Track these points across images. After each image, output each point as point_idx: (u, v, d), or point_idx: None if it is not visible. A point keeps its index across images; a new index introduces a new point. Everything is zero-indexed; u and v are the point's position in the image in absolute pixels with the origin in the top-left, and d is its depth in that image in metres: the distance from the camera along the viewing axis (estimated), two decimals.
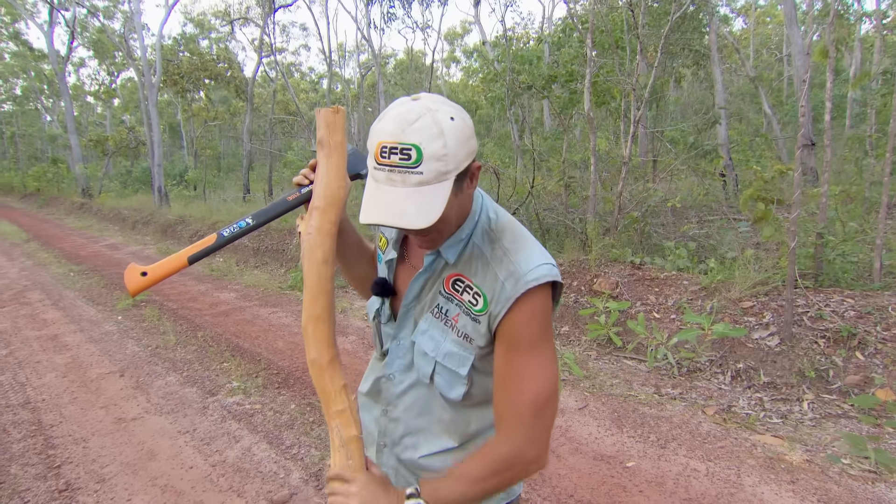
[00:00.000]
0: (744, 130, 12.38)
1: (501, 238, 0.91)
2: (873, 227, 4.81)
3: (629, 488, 2.36)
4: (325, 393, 0.90)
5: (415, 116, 0.78)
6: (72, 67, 29.73)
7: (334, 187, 0.94)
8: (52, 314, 5.49)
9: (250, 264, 7.89)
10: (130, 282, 0.94)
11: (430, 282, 0.97)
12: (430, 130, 0.77)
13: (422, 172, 0.78)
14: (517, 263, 0.87)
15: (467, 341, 0.92)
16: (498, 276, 0.88)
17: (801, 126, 3.83)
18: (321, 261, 0.92)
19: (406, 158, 0.77)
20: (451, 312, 0.93)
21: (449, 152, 0.78)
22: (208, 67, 15.97)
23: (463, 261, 0.93)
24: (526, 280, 0.85)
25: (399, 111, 0.80)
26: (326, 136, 0.95)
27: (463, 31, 31.64)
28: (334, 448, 0.90)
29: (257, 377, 3.71)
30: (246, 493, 2.41)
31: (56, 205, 18.98)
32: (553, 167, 7.77)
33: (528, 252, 0.89)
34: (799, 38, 8.26)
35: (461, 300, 0.92)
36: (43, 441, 2.90)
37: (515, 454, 0.87)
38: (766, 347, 3.46)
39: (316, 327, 0.91)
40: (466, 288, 0.91)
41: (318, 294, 0.91)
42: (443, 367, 0.95)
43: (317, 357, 0.90)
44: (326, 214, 0.93)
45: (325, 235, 0.92)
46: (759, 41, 22.71)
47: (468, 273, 0.92)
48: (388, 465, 1.07)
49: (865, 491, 2.29)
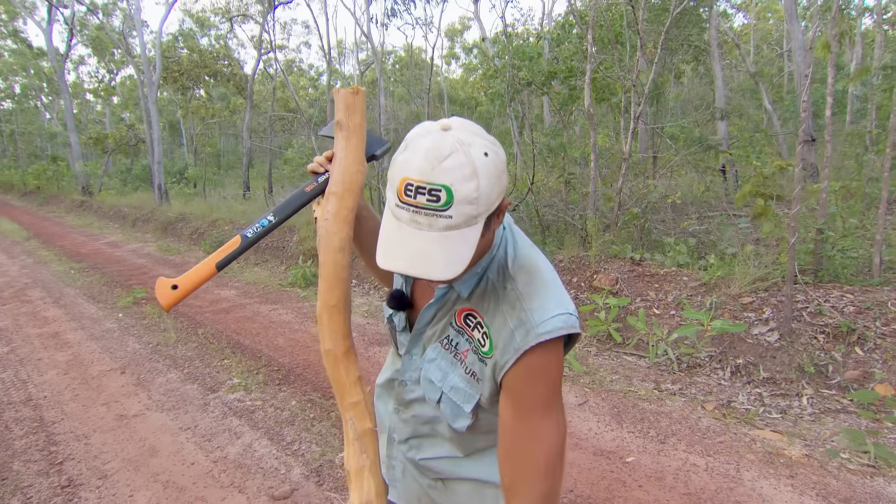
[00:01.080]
0: (744, 126, 12.36)
1: (516, 279, 0.83)
2: (873, 222, 4.81)
3: (629, 483, 2.37)
4: (339, 384, 0.88)
5: (447, 152, 0.70)
6: (71, 65, 29.67)
7: (352, 171, 0.91)
8: (52, 312, 5.50)
9: (251, 261, 7.90)
10: (162, 296, 0.90)
11: (442, 312, 0.91)
12: (462, 171, 0.70)
13: (451, 216, 0.70)
14: (529, 312, 0.79)
15: (475, 379, 0.86)
16: (507, 323, 0.80)
17: (801, 122, 3.82)
18: (338, 248, 0.88)
19: (435, 200, 0.70)
20: (462, 347, 0.87)
21: (482, 195, 0.71)
22: (208, 64, 15.95)
23: (476, 296, 0.86)
24: (537, 332, 0.77)
25: (429, 145, 0.71)
26: (345, 118, 0.91)
27: (462, 28, 31.55)
28: (348, 440, 0.88)
29: (258, 374, 3.72)
30: (247, 489, 2.42)
31: (56, 202, 18.98)
32: (554, 164, 7.77)
33: (543, 299, 0.80)
34: (799, 34, 8.24)
35: (472, 336, 0.86)
36: (45, 438, 2.91)
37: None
38: (765, 343, 3.46)
39: (331, 317, 0.88)
40: (478, 325, 0.85)
41: (335, 283, 0.88)
42: (449, 400, 0.90)
43: (332, 347, 0.88)
44: (344, 200, 0.90)
45: (343, 222, 0.89)
46: (760, 37, 22.65)
47: (481, 309, 0.85)
48: (397, 459, 1.05)
49: (864, 485, 2.29)
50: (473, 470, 0.98)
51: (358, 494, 0.86)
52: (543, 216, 6.30)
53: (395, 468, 1.05)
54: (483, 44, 15.15)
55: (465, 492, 1.00)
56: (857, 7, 14.52)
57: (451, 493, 1.01)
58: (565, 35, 9.10)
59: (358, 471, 0.86)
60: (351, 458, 0.87)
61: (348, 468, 0.87)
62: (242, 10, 16.94)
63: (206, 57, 16.27)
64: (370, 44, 13.06)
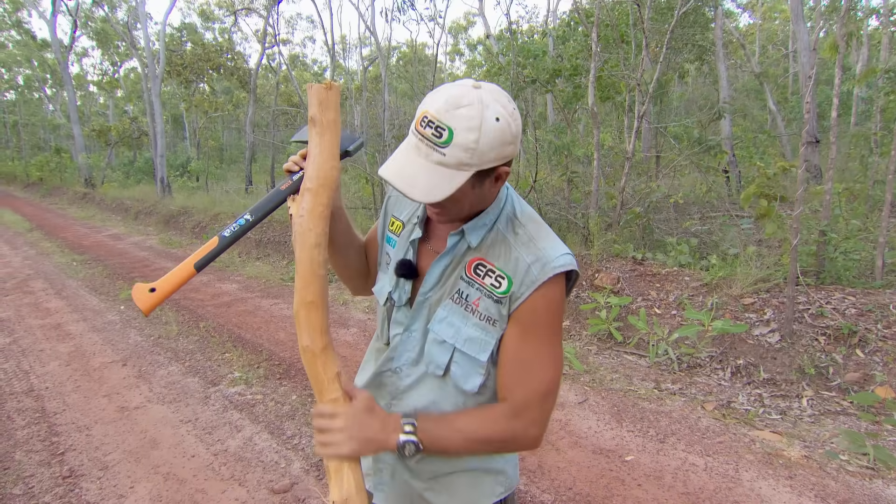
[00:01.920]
0: (748, 127, 12.32)
1: (526, 225, 0.93)
2: (876, 225, 4.80)
3: (628, 482, 2.37)
4: (318, 381, 0.87)
5: (464, 103, 0.79)
6: (75, 57, 29.65)
7: (327, 168, 0.91)
8: (55, 303, 5.51)
9: (252, 256, 7.91)
10: (141, 300, 0.90)
11: (452, 266, 0.95)
12: (469, 122, 0.78)
13: (444, 155, 0.79)
14: (544, 250, 0.89)
15: (490, 324, 0.91)
16: (523, 259, 0.89)
17: (805, 123, 3.81)
18: (313, 244, 0.88)
19: (437, 136, 0.79)
20: (472, 297, 0.92)
21: (478, 148, 0.79)
22: (211, 58, 15.92)
23: (486, 245, 0.93)
24: (553, 266, 0.87)
25: (454, 92, 0.80)
26: (319, 114, 0.91)
27: (467, 24, 31.46)
28: None
29: (259, 368, 3.74)
30: (247, 482, 2.43)
31: (59, 194, 19.01)
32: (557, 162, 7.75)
33: (551, 241, 0.91)
34: (805, 35, 8.20)
35: (483, 284, 0.91)
36: (47, 428, 2.93)
37: (519, 431, 0.90)
38: (766, 344, 3.46)
39: (308, 314, 0.87)
40: (489, 272, 0.91)
41: (311, 279, 0.88)
42: (461, 355, 0.93)
43: (309, 344, 0.87)
44: (319, 196, 0.90)
45: (318, 218, 0.89)
46: (765, 37, 22.56)
47: (491, 258, 0.92)
48: (385, 462, 1.04)
49: (863, 487, 2.30)
50: (472, 460, 0.99)
51: (338, 490, 0.85)
52: (546, 214, 6.29)
53: (382, 472, 1.04)
54: (487, 41, 15.11)
55: (463, 484, 1.00)
56: (863, 8, 14.45)
57: (448, 489, 1.00)
58: (570, 33, 9.07)
59: (337, 467, 0.86)
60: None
61: (327, 465, 0.86)
62: (247, 3, 16.90)
63: (209, 50, 16.24)
64: (374, 39, 13.04)
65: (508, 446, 0.92)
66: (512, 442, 0.90)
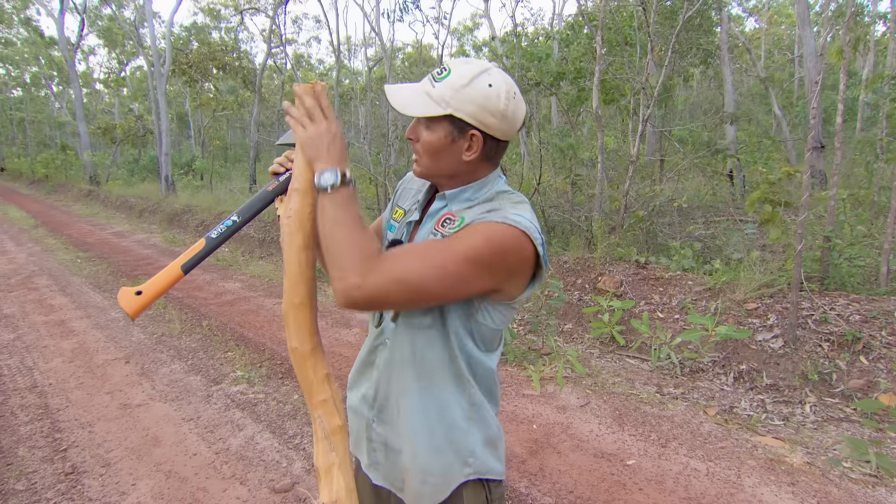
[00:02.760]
0: (753, 132, 12.29)
1: (510, 198, 0.98)
2: (881, 231, 4.78)
3: (629, 486, 2.37)
4: (307, 382, 0.88)
5: (473, 63, 0.92)
6: (81, 55, 29.79)
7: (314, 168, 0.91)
8: (59, 300, 5.54)
9: (255, 255, 7.93)
10: (127, 305, 0.89)
11: (431, 227, 1.00)
12: (466, 73, 0.90)
13: (434, 87, 0.91)
14: (507, 210, 0.91)
15: None
16: (484, 208, 0.94)
17: (811, 128, 3.80)
18: (301, 246, 0.89)
19: (439, 73, 0.92)
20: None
21: (458, 95, 0.89)
22: (217, 57, 15.97)
23: (462, 210, 0.99)
24: (506, 216, 0.88)
25: (476, 61, 0.94)
26: None
27: (473, 26, 31.49)
28: (317, 439, 0.87)
29: (261, 367, 3.74)
30: (248, 480, 2.43)
31: (64, 191, 19.09)
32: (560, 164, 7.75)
33: (525, 214, 0.91)
34: (811, 39, 8.19)
35: (444, 233, 0.96)
36: (49, 424, 2.94)
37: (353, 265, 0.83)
38: (769, 349, 3.45)
39: (297, 315, 0.88)
40: (449, 220, 0.97)
41: (299, 281, 0.88)
42: None
43: (298, 346, 0.87)
44: (307, 197, 0.90)
45: (305, 219, 0.89)
46: (771, 41, 22.50)
47: (455, 211, 0.98)
48: (377, 441, 1.05)
49: (866, 495, 2.29)
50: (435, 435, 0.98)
51: (327, 492, 0.85)
52: (549, 217, 6.29)
53: (376, 451, 1.06)
54: (493, 42, 15.12)
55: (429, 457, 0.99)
56: (870, 13, 14.40)
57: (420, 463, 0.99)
58: (574, 35, 9.07)
59: (327, 469, 0.86)
60: (320, 455, 0.87)
61: (318, 466, 0.87)
62: (253, 2, 16.96)
63: (215, 49, 16.29)
64: (379, 40, 13.06)
65: (337, 262, 0.84)
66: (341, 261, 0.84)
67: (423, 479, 0.99)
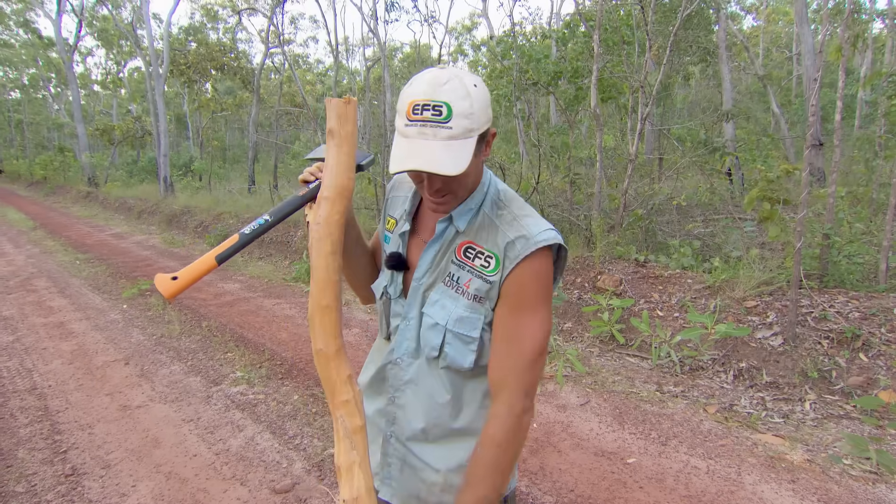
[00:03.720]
0: (751, 129, 12.29)
1: (510, 205, 0.99)
2: (880, 228, 4.79)
3: (629, 484, 2.37)
4: (330, 383, 0.90)
5: (444, 79, 0.86)
6: (79, 56, 29.75)
7: (344, 178, 0.95)
8: (58, 302, 5.53)
9: (255, 256, 7.92)
10: (164, 288, 0.93)
11: (442, 251, 1.01)
12: (458, 91, 0.85)
13: (451, 127, 0.85)
14: (527, 227, 0.94)
15: (479, 302, 0.97)
16: (508, 236, 0.94)
17: (809, 126, 3.80)
18: (329, 251, 0.92)
19: (437, 114, 0.85)
20: (463, 279, 0.98)
21: (475, 112, 0.86)
22: (215, 58, 15.95)
23: (473, 229, 0.98)
24: (536, 240, 0.92)
25: (430, 76, 0.87)
26: (337, 127, 0.95)
27: (471, 25, 31.47)
28: (338, 438, 0.90)
29: (261, 367, 3.74)
30: (249, 481, 2.43)
31: (62, 193, 19.07)
32: (559, 164, 7.75)
33: (535, 218, 0.96)
34: (809, 37, 8.19)
35: (473, 266, 0.97)
36: (49, 426, 2.94)
37: (513, 413, 0.92)
38: (769, 347, 3.46)
39: (323, 317, 0.91)
40: (478, 254, 0.97)
41: (326, 285, 0.91)
42: (453, 336, 0.98)
43: (323, 347, 0.90)
44: (336, 205, 0.94)
45: (334, 226, 0.93)
46: (769, 39, 22.51)
47: (479, 240, 0.97)
48: (394, 457, 1.07)
49: (866, 492, 2.29)
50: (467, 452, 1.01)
51: (348, 489, 0.87)
52: (548, 216, 6.29)
53: (391, 466, 1.07)
54: (491, 42, 15.11)
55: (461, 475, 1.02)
56: (867, 11, 14.41)
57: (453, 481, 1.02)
58: (571, 34, 9.06)
59: (348, 467, 0.88)
60: (341, 454, 0.89)
61: (338, 464, 0.89)
62: (251, 2, 16.93)
63: (213, 50, 16.26)
64: (377, 40, 13.06)
65: (518, 435, 0.93)
66: (516, 428, 0.92)
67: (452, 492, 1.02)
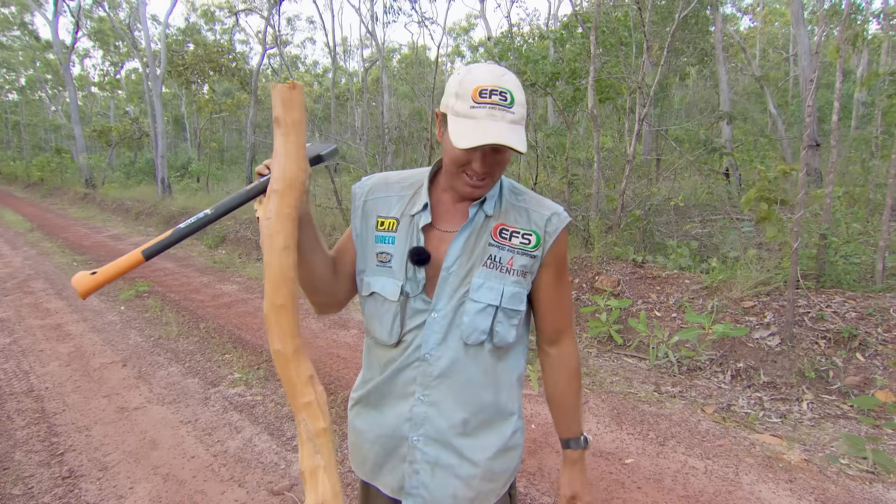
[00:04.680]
0: (749, 130, 12.33)
1: (525, 193, 1.09)
2: (877, 228, 4.80)
3: (627, 484, 2.37)
4: (290, 384, 0.87)
5: (502, 72, 0.94)
6: (76, 58, 29.69)
7: (293, 169, 0.89)
8: (55, 303, 5.51)
9: (252, 257, 7.91)
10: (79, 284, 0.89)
11: (475, 236, 1.03)
12: (516, 83, 0.95)
13: (514, 113, 0.93)
14: (553, 206, 1.07)
15: (523, 277, 1.04)
16: (543, 214, 1.05)
17: (806, 126, 3.81)
18: (282, 247, 0.87)
19: (504, 100, 0.92)
20: (505, 258, 1.02)
21: (524, 104, 0.96)
22: (213, 59, 15.94)
23: (501, 213, 1.05)
24: (564, 216, 1.06)
25: (487, 67, 0.95)
26: (283, 114, 0.89)
27: (469, 26, 31.51)
28: (301, 442, 0.86)
29: (259, 369, 3.73)
30: (247, 483, 2.43)
31: (59, 195, 19.02)
32: (557, 164, 7.76)
33: (550, 201, 1.10)
34: (806, 38, 8.22)
35: (512, 245, 1.03)
36: (46, 428, 2.93)
37: (575, 348, 1.15)
38: (766, 347, 3.46)
39: (279, 317, 0.87)
40: (514, 233, 1.03)
41: (280, 282, 0.87)
42: (503, 313, 1.02)
43: (281, 348, 0.86)
44: (285, 198, 0.88)
45: (286, 220, 0.88)
46: (766, 40, 22.58)
47: (510, 222, 1.04)
48: (422, 462, 1.03)
49: (863, 491, 2.30)
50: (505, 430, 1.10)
51: (313, 495, 0.84)
52: None
53: (419, 473, 1.03)
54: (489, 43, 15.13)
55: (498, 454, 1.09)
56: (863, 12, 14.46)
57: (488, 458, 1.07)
58: (569, 35, 9.07)
59: (312, 471, 0.85)
60: (305, 458, 0.85)
61: (303, 469, 0.85)
62: (248, 3, 16.93)
63: (211, 51, 16.26)
64: (374, 41, 13.06)
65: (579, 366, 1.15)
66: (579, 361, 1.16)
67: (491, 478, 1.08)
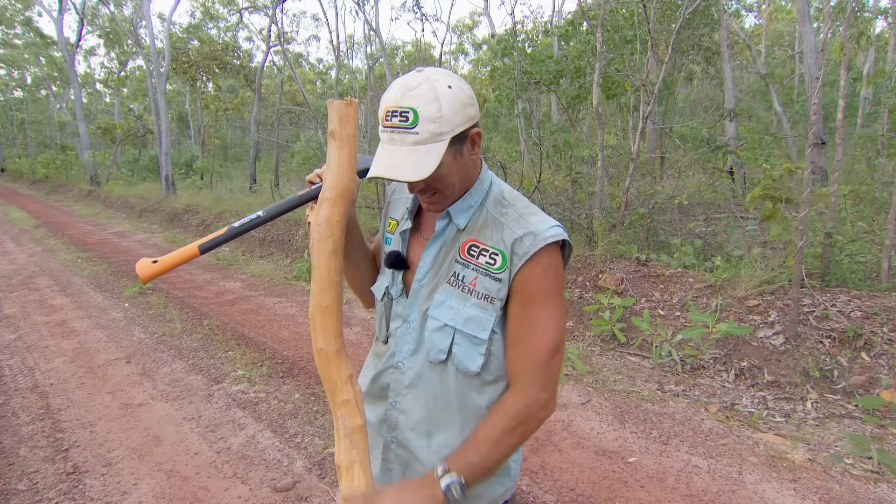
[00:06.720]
0: (753, 128, 12.27)
1: (515, 204, 0.99)
2: (882, 227, 4.77)
3: (630, 483, 2.37)
4: (331, 382, 0.91)
5: (414, 84, 0.86)
6: (81, 55, 29.77)
7: (345, 179, 0.95)
8: (60, 300, 5.54)
9: (256, 254, 7.93)
10: (142, 270, 0.97)
11: (445, 250, 1.00)
12: (426, 96, 0.85)
13: (417, 133, 0.86)
14: (535, 224, 0.94)
15: (488, 301, 0.95)
16: (516, 232, 0.94)
17: (811, 124, 3.79)
18: (330, 252, 0.93)
19: (404, 120, 0.86)
20: (469, 277, 0.96)
21: (444, 115, 0.86)
22: (217, 56, 15.96)
23: (476, 227, 0.98)
24: (544, 236, 0.92)
25: (402, 81, 0.88)
26: (339, 128, 0.95)
27: (472, 24, 31.45)
28: (338, 437, 0.90)
29: (262, 366, 3.74)
30: (250, 480, 2.43)
31: (64, 192, 19.10)
32: (561, 162, 7.74)
33: (541, 216, 0.96)
34: (811, 36, 8.16)
35: (478, 264, 0.96)
36: (51, 424, 2.94)
37: (530, 401, 0.92)
38: (770, 346, 3.45)
39: (324, 317, 0.91)
40: (482, 251, 0.96)
41: (327, 285, 0.92)
42: (462, 336, 0.96)
43: (324, 347, 0.91)
44: (336, 206, 0.94)
45: (335, 227, 0.93)
46: (772, 38, 22.45)
47: (483, 237, 0.96)
48: (395, 462, 1.06)
49: (867, 491, 2.29)
50: None
51: (348, 486, 0.88)
52: (550, 215, 6.26)
53: (392, 471, 1.07)
54: (492, 40, 15.10)
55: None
56: (870, 9, 14.35)
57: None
58: (574, 31, 9.04)
59: (348, 466, 0.89)
60: (341, 453, 0.90)
61: (339, 463, 0.90)
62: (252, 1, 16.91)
63: (215, 48, 16.28)
64: (378, 39, 13.05)
65: (531, 423, 0.93)
66: (531, 417, 0.92)
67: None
